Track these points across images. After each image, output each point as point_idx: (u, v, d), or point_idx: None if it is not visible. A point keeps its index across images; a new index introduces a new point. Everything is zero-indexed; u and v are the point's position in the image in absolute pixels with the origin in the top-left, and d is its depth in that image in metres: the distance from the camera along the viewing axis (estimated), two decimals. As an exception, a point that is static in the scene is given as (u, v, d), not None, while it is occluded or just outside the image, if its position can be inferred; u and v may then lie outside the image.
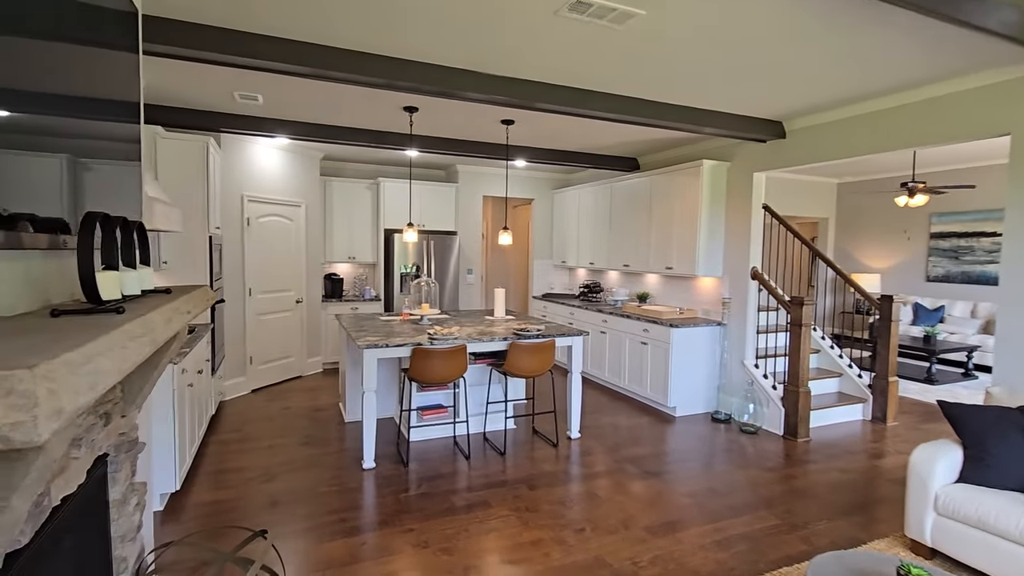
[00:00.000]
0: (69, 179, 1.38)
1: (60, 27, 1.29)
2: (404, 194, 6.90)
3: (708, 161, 4.98)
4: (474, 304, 7.44)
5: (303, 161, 6.19)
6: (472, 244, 7.38)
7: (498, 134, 5.21)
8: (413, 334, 4.06)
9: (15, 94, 1.09)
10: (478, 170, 7.25)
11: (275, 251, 5.84)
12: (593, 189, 6.73)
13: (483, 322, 4.76)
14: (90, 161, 1.51)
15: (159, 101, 4.22)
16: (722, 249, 5.14)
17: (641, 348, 5.32)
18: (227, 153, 5.22)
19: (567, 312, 6.70)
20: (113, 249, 1.16)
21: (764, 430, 4.65)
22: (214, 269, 4.58)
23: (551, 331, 4.29)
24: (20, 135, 1.11)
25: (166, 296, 1.40)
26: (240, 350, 5.43)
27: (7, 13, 1.02)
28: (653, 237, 5.64)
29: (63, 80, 1.33)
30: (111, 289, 1.08)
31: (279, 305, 5.93)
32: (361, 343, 3.66)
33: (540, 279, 7.80)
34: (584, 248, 6.95)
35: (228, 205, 5.25)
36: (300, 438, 4.29)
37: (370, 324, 4.53)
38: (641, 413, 5.10)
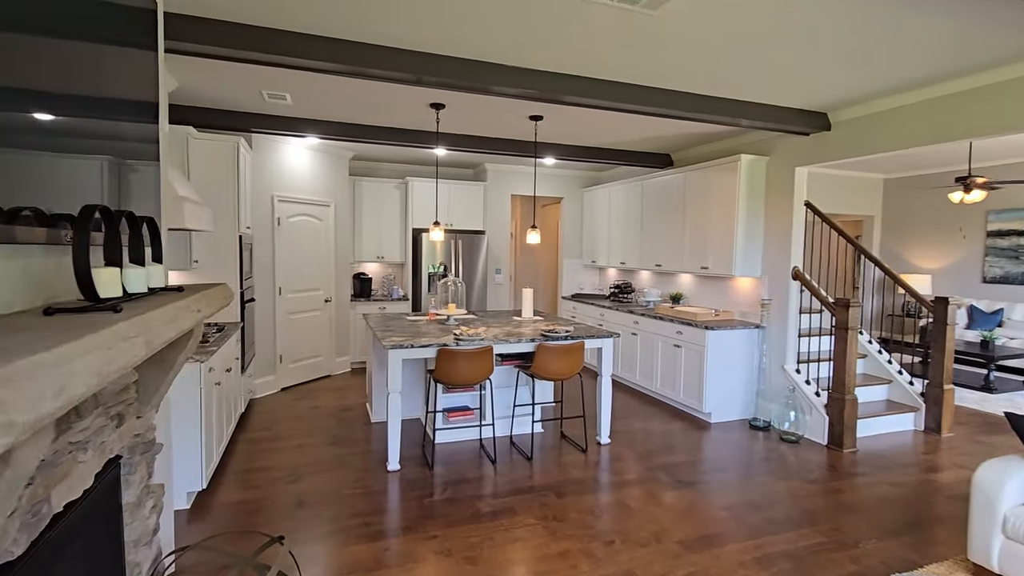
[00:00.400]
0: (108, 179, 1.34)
1: (83, 26, 1.25)
2: (432, 193, 6.86)
3: (746, 156, 4.76)
4: (502, 304, 7.36)
5: (332, 161, 6.21)
6: (500, 243, 7.29)
7: (526, 131, 5.10)
8: (439, 334, 3.99)
9: (56, 97, 1.04)
10: (506, 168, 7.16)
11: (305, 251, 5.87)
12: (624, 187, 6.55)
13: (510, 323, 4.66)
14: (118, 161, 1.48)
15: (189, 101, 4.27)
16: (761, 248, 4.91)
17: (674, 351, 5.12)
18: (258, 153, 5.27)
19: (597, 313, 6.54)
20: (116, 245, 1.10)
21: (806, 439, 4.41)
22: (244, 268, 4.61)
23: (580, 332, 4.16)
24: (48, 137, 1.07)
25: (175, 294, 1.34)
26: (270, 348, 5.47)
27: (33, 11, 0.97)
28: (687, 236, 5.44)
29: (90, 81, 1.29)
30: (111, 286, 1.03)
31: (308, 304, 5.96)
32: (386, 343, 3.60)
33: (569, 279, 7.66)
34: (615, 247, 6.78)
35: (259, 205, 5.29)
36: (327, 438, 4.28)
37: (396, 324, 4.48)
38: (674, 418, 4.91)
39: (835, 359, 4.19)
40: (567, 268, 7.64)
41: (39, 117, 1.10)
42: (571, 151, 5.75)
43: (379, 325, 4.43)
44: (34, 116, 1.09)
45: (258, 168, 5.28)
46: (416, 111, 4.44)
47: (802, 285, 4.57)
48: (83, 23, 1.31)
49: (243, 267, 4.55)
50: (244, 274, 4.64)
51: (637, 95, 3.69)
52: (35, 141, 1.09)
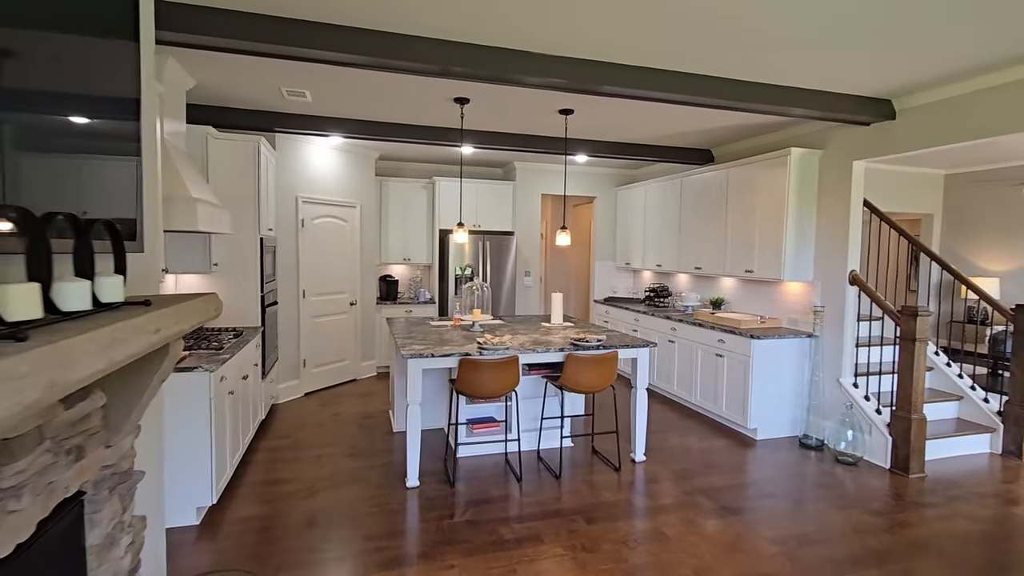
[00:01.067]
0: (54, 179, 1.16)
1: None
2: (458, 192, 6.65)
3: (797, 149, 4.36)
4: (531, 308, 7.09)
5: (358, 161, 6.08)
6: (530, 245, 7.03)
7: (556, 126, 4.83)
8: (462, 342, 3.76)
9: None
10: (536, 167, 6.90)
11: (329, 253, 5.75)
12: (661, 185, 6.20)
13: (538, 329, 4.39)
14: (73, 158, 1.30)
15: (209, 100, 4.17)
16: (812, 250, 4.50)
17: (715, 361, 4.76)
18: (281, 154, 5.16)
19: (631, 318, 6.20)
20: (41, 255, 0.90)
21: (865, 461, 3.99)
22: (265, 271, 4.50)
23: (613, 341, 3.86)
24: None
25: (132, 311, 1.14)
26: (293, 353, 5.36)
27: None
28: (730, 237, 5.06)
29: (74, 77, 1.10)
30: (26, 305, 0.83)
31: (333, 307, 5.83)
32: (405, 352, 3.39)
33: (602, 282, 7.33)
34: (650, 249, 6.43)
35: (282, 206, 5.19)
36: (347, 448, 4.11)
37: (419, 330, 4.28)
38: (715, 434, 4.55)
39: (900, 373, 3.77)
40: (599, 270, 7.32)
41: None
42: (604, 147, 5.45)
43: (401, 331, 4.23)
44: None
45: (282, 169, 5.17)
46: (440, 107, 4.23)
47: (861, 291, 4.15)
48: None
49: (264, 270, 4.43)
50: (265, 277, 4.52)
51: (676, 83, 3.37)
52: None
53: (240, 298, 4.29)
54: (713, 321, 4.91)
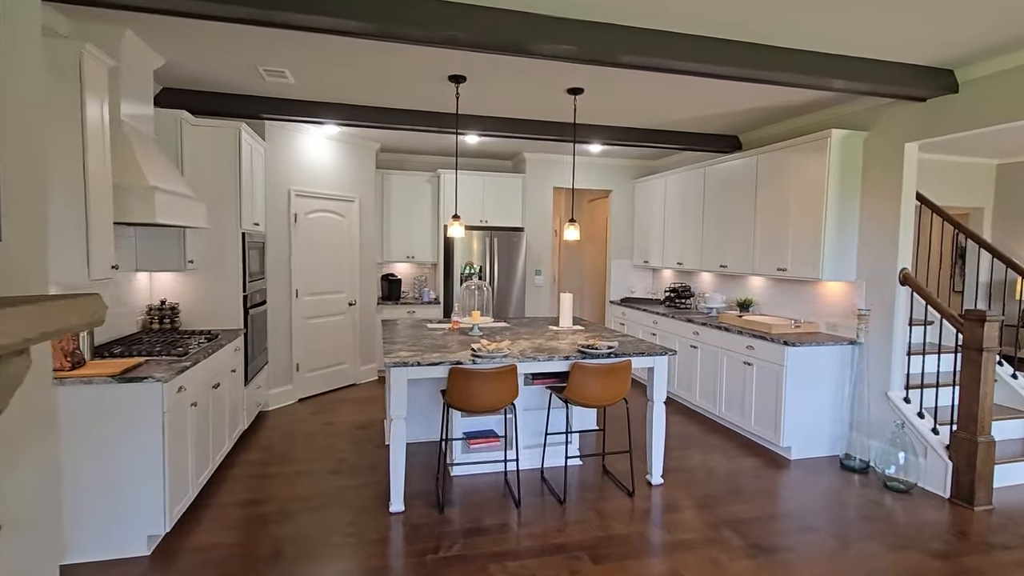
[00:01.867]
0: None
1: None
2: (468, 187, 6.26)
3: (838, 131, 3.85)
4: (543, 310, 6.66)
5: (357, 153, 5.73)
6: (541, 242, 6.60)
7: (565, 110, 4.39)
8: (457, 348, 3.36)
9: None
10: (547, 158, 6.46)
11: (325, 250, 5.41)
12: (682, 176, 5.71)
13: (544, 333, 3.97)
14: None
15: (184, 84, 3.84)
16: (855, 247, 3.98)
17: (743, 369, 4.27)
18: (272, 144, 4.83)
19: (649, 321, 5.73)
20: None
21: (920, 489, 3.47)
22: (249, 269, 4.16)
23: (626, 348, 3.42)
24: None
25: None
26: (285, 356, 5.03)
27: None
28: (759, 232, 4.55)
29: None
30: None
31: (330, 308, 5.49)
32: (389, 359, 3.01)
33: (618, 282, 6.86)
34: (671, 246, 5.94)
35: (273, 200, 4.86)
36: (333, 463, 3.74)
37: (413, 333, 3.89)
38: (743, 452, 4.06)
39: (963, 388, 3.24)
40: (616, 269, 6.85)
41: None
42: (618, 134, 4.98)
43: (392, 334, 3.85)
44: None
45: (272, 160, 4.84)
46: (436, 88, 3.84)
47: (915, 292, 3.62)
48: None
49: (247, 268, 4.10)
50: (250, 275, 4.18)
51: (698, 50, 2.91)
52: None
53: (220, 298, 3.96)
54: (741, 325, 4.42)
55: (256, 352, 4.38)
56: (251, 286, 4.23)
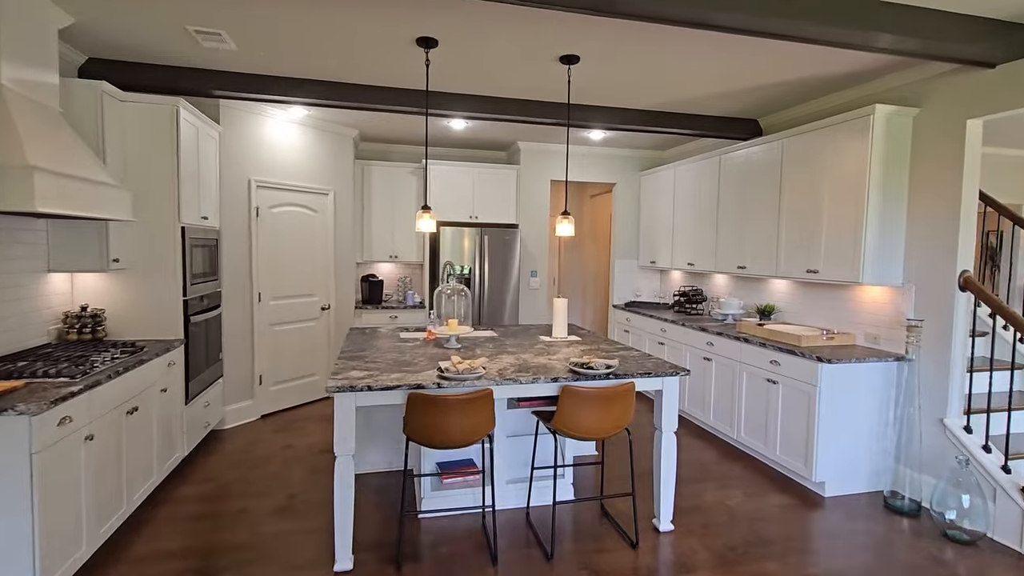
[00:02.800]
0: None
1: None
2: (454, 179, 5.68)
3: (883, 106, 3.23)
4: (539, 315, 6.06)
5: (331, 141, 5.16)
6: (537, 240, 6.01)
7: (559, 89, 3.80)
8: (425, 365, 2.78)
9: None
10: (544, 148, 5.87)
11: (294, 248, 4.84)
12: (694, 166, 5.09)
13: (534, 346, 3.38)
14: None
15: (110, 54, 3.29)
16: (902, 245, 3.36)
17: (766, 388, 3.66)
18: (229, 129, 4.27)
19: (656, 328, 5.12)
20: None
21: (989, 539, 2.84)
22: (192, 269, 3.60)
23: (629, 366, 2.82)
24: None
25: None
26: (245, 368, 4.47)
27: None
28: (785, 228, 3.94)
29: None
30: None
31: (299, 313, 4.93)
32: (333, 381, 2.43)
33: (623, 284, 6.25)
34: (681, 245, 5.33)
35: (230, 191, 4.29)
36: (281, 499, 3.17)
37: (378, 345, 3.31)
38: (768, 486, 3.45)
39: (1047, 420, 2.62)
40: (620, 270, 6.24)
41: None
42: (621, 117, 4.38)
43: (353, 346, 3.27)
44: None
45: (229, 146, 4.28)
46: (404, 57, 3.26)
47: (979, 299, 3.00)
48: None
49: (189, 268, 3.53)
50: (193, 276, 3.62)
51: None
52: None
53: (154, 303, 3.40)
54: (763, 336, 3.81)
55: (204, 364, 3.81)
56: (195, 289, 3.66)
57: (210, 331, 3.94)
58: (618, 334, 6.01)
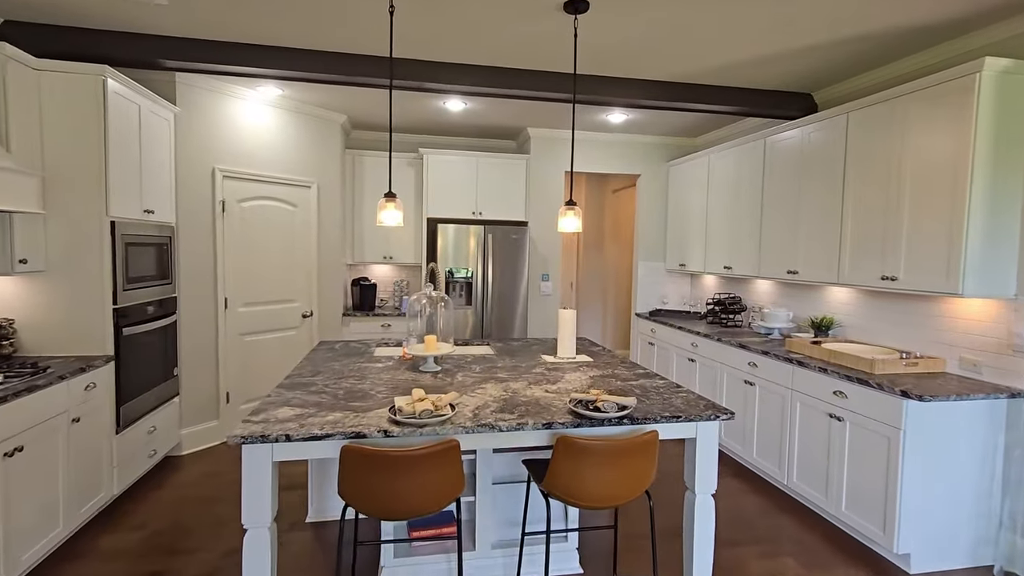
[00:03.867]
0: None
1: None
2: (456, 171, 5.04)
3: (994, 59, 2.45)
4: (550, 326, 5.37)
5: (315, 127, 4.57)
6: (548, 239, 5.32)
7: (562, 46, 3.11)
8: (387, 397, 2.14)
9: None
10: (557, 136, 5.18)
11: (270, 248, 4.27)
12: (733, 153, 4.33)
13: (532, 370, 2.69)
14: None
15: (37, 16, 2.73)
16: (1016, 245, 2.56)
17: (827, 425, 2.90)
18: (190, 110, 3.71)
19: (686, 342, 4.37)
20: None
21: None
22: (128, 272, 3.03)
23: (652, 406, 2.11)
24: None
25: None
26: (208, 384, 3.90)
27: None
28: (849, 225, 3.17)
29: None
30: None
31: (275, 321, 4.35)
32: (243, 427, 1.80)
33: (648, 290, 5.51)
34: (716, 245, 4.57)
35: (189, 182, 3.74)
36: (216, 557, 2.56)
37: (337, 368, 2.68)
38: (831, 555, 2.68)
39: None
40: (645, 274, 5.50)
41: None
42: (641, 90, 3.66)
43: (309, 365, 2.65)
44: None
45: (188, 130, 3.72)
46: (373, 10, 2.62)
47: None
48: None
49: (121, 270, 2.96)
50: (129, 281, 3.05)
51: None
52: None
53: (73, 312, 2.83)
54: (822, 358, 3.05)
55: (148, 383, 3.25)
56: (132, 295, 3.09)
57: (158, 344, 3.38)
58: (641, 347, 5.28)
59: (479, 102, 4.22)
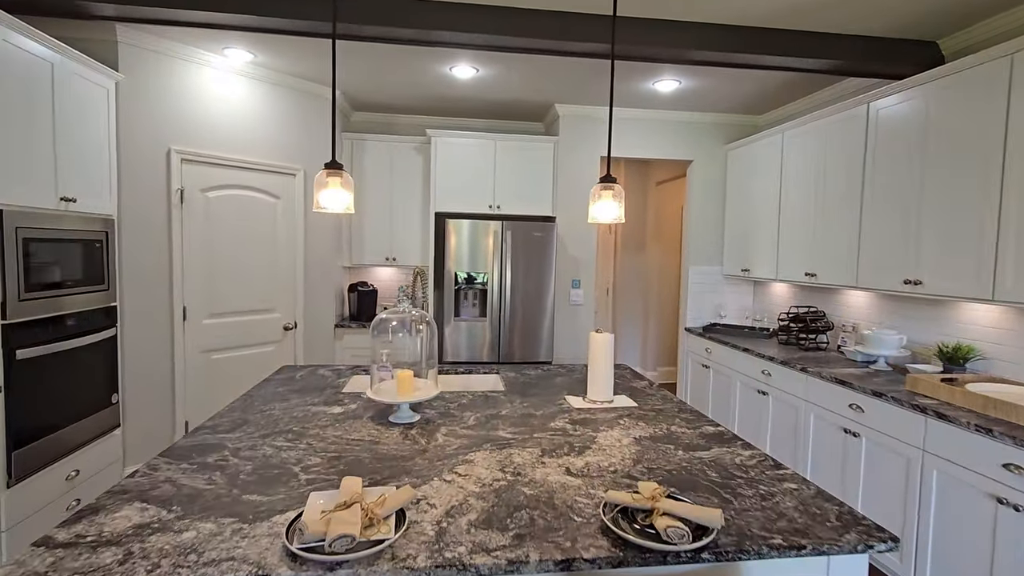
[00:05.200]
0: None
1: None
2: (469, 156, 4.24)
3: None
4: (582, 342, 4.49)
5: (302, 104, 3.86)
6: (581, 238, 4.45)
7: None
8: (317, 476, 1.33)
9: None
10: (591, 113, 4.31)
11: (244, 247, 3.57)
12: (818, 129, 3.37)
13: (549, 423, 1.85)
14: None
15: None
16: None
17: (993, 511, 1.94)
18: (136, 77, 3.03)
19: (754, 369, 3.44)
20: None
21: None
22: (28, 278, 2.34)
23: (745, 521, 1.23)
24: None
25: None
26: (160, 412, 3.22)
27: None
28: (1014, 220, 2.20)
29: None
30: None
31: (249, 335, 3.64)
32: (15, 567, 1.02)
33: (700, 299, 4.57)
34: (793, 246, 3.61)
35: (136, 165, 3.06)
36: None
37: (278, 414, 1.91)
38: None
39: None
40: (697, 281, 4.56)
41: None
42: (699, 38, 2.76)
43: (244, 405, 1.88)
44: None
45: (135, 102, 3.04)
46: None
47: None
48: None
49: (8, 274, 2.27)
50: (26, 288, 2.37)
51: None
52: None
53: (-57, 331, 2.15)
54: (971, 407, 2.10)
55: (67, 416, 2.56)
56: (33, 307, 2.41)
57: (85, 365, 2.69)
58: (692, 369, 4.35)
59: (492, 66, 3.41)
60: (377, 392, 1.88)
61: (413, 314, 1.99)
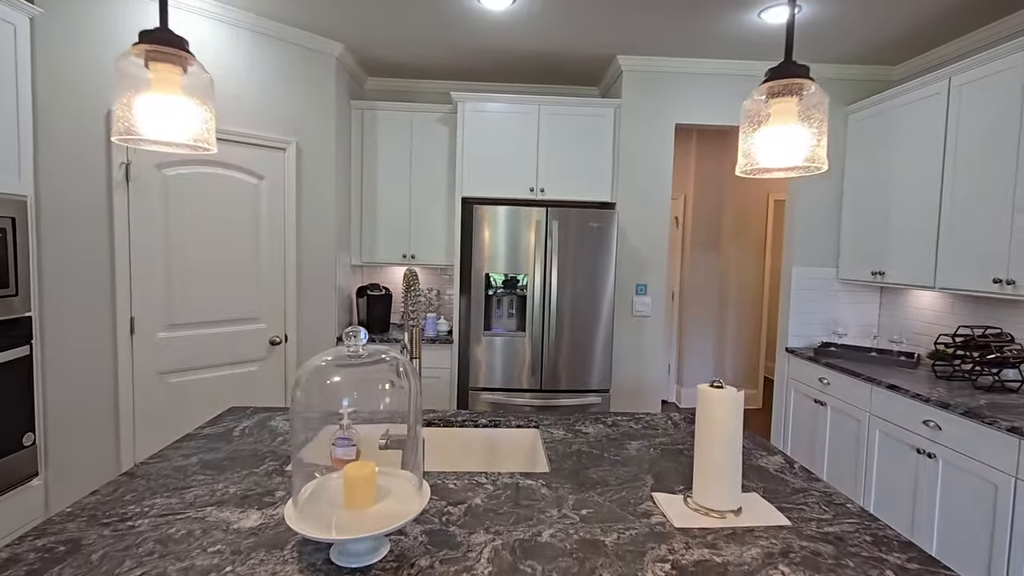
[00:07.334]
0: None
1: None
2: (505, 127, 3.34)
3: None
4: (649, 366, 3.50)
5: (292, 60, 3.05)
6: (651, 231, 3.46)
7: None
8: None
9: None
10: (665, 66, 3.32)
11: (215, 239, 2.80)
12: (1015, 73, 2.26)
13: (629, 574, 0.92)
14: None
15: None
16: None
17: None
18: (59, 15, 2.29)
19: (910, 416, 2.37)
20: None
21: None
22: None
23: None
24: None
25: None
26: (101, 453, 2.48)
27: None
28: None
29: None
30: None
31: (224, 352, 2.87)
32: None
33: (804, 310, 3.49)
34: (957, 240, 2.51)
35: (62, 132, 2.32)
36: None
37: (156, 511, 1.06)
38: None
39: None
40: (802, 287, 3.48)
41: None
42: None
43: (100, 508, 1.05)
44: None
45: (63, 49, 2.31)
46: None
47: None
48: None
49: None
50: None
51: None
52: None
53: None
54: None
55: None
56: None
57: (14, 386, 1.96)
58: (796, 402, 3.29)
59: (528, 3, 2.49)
60: (306, 511, 1.00)
61: (383, 357, 1.10)
